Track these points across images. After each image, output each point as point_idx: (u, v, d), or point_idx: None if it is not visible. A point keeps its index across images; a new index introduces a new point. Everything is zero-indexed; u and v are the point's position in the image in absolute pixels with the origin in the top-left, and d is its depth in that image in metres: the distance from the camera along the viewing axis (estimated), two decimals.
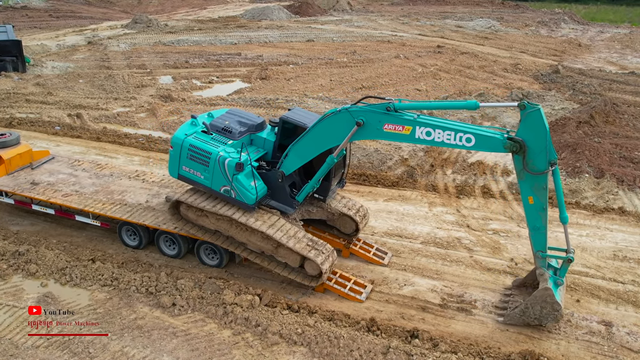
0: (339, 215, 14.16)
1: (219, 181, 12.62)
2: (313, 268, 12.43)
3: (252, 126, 13.32)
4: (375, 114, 11.17)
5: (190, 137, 12.91)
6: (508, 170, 19.57)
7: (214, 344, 11.21)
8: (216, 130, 13.13)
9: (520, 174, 10.71)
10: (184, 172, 13.13)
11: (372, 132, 11.42)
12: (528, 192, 10.84)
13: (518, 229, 16.08)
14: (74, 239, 15.10)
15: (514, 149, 10.32)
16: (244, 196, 12.45)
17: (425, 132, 10.79)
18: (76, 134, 22.82)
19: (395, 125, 11.02)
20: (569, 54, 41.60)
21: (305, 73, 33.56)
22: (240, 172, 12.31)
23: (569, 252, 11.46)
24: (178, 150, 12.97)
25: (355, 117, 11.29)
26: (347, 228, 14.39)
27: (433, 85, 31.44)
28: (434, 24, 54.34)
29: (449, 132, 10.62)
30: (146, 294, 12.65)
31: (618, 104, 27.57)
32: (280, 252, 12.58)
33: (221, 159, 12.38)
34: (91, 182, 15.87)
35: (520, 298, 12.33)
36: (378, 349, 10.98)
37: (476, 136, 10.52)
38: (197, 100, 27.84)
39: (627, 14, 64.76)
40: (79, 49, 39.96)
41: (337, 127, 11.62)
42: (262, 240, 12.65)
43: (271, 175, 12.81)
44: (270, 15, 56.72)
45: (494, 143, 10.51)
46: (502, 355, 10.91)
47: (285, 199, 13.01)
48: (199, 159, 12.73)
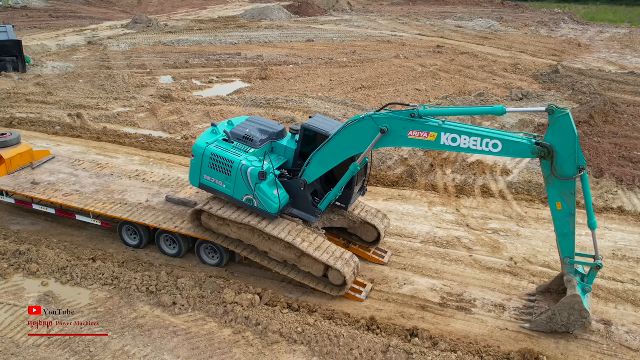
0: (361, 224, 14.05)
1: (242, 190, 12.49)
2: (337, 278, 12.30)
3: (273, 134, 13.19)
4: (400, 120, 10.99)
5: (211, 145, 12.76)
6: (507, 170, 19.61)
7: (214, 343, 11.24)
8: (237, 139, 12.95)
9: (548, 180, 10.54)
10: (206, 181, 13.00)
11: (396, 139, 11.25)
12: (556, 197, 10.66)
13: (517, 228, 16.12)
14: (74, 239, 15.13)
15: (542, 155, 10.18)
16: (267, 205, 12.32)
17: (451, 138, 10.61)
18: (76, 134, 22.85)
19: (420, 132, 10.83)
20: (569, 54, 41.62)
21: (305, 73, 33.59)
22: (263, 181, 12.17)
23: (598, 258, 11.27)
24: (199, 159, 12.84)
25: (379, 124, 11.12)
26: (368, 236, 14.28)
27: (433, 85, 31.46)
28: (433, 24, 54.36)
29: (475, 138, 10.47)
30: (147, 293, 12.69)
31: (617, 104, 27.63)
32: (304, 261, 12.43)
33: (244, 168, 12.25)
34: (92, 182, 15.90)
35: (545, 304, 12.17)
36: (378, 347, 11.02)
37: (503, 142, 10.36)
38: (197, 100, 27.87)
39: (627, 14, 64.76)
40: (79, 49, 39.99)
41: (361, 135, 11.48)
42: (285, 250, 12.50)
43: (293, 183, 12.66)
44: (270, 16, 56.74)
45: (521, 149, 10.36)
46: (502, 354, 10.94)
47: (307, 208, 12.86)
48: (221, 167, 12.60)
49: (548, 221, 16.50)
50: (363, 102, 27.51)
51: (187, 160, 20.48)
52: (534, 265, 14.28)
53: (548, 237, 15.62)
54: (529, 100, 28.46)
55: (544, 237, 15.59)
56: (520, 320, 12.14)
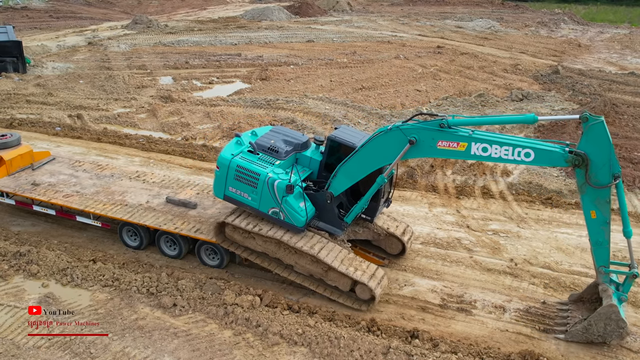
0: (385, 236, 13.92)
1: (268, 203, 12.35)
2: (365, 292, 12.15)
3: (297, 145, 13.08)
4: (429, 131, 10.83)
5: (237, 157, 12.63)
6: (508, 171, 19.60)
7: (214, 345, 11.25)
8: (262, 150, 12.79)
9: (582, 188, 10.38)
10: (230, 192, 12.85)
11: (425, 150, 11.09)
12: (590, 206, 10.49)
13: (518, 229, 16.12)
14: (74, 240, 15.14)
15: (575, 163, 10.03)
16: (294, 218, 12.22)
17: (482, 148, 10.46)
18: (77, 135, 22.85)
19: (450, 142, 10.68)
20: (569, 54, 41.63)
21: (305, 74, 33.59)
22: (290, 194, 12.05)
23: (633, 267, 11.11)
24: (225, 170, 12.68)
25: (408, 134, 10.95)
26: (393, 248, 14.17)
27: (433, 85, 31.47)
28: (433, 24, 54.37)
29: (507, 148, 10.30)
30: (147, 295, 12.69)
31: (617, 105, 27.63)
32: (331, 275, 12.29)
33: (270, 181, 12.12)
34: (92, 183, 15.91)
35: (578, 313, 11.99)
36: (378, 349, 11.03)
37: (536, 151, 10.18)
38: (197, 101, 27.86)
39: (627, 14, 64.74)
40: (79, 49, 40.00)
41: (388, 146, 11.31)
42: (311, 264, 12.36)
43: (319, 196, 12.51)
44: (270, 16, 56.74)
45: (554, 157, 10.21)
46: (502, 356, 10.96)
47: (333, 220, 12.70)
48: (246, 179, 12.46)
49: (548, 222, 16.52)
50: (363, 103, 27.51)
51: (187, 161, 20.52)
52: (534, 266, 14.29)
53: (548, 238, 15.63)
54: (529, 100, 28.46)
55: (544, 238, 15.59)
56: (519, 322, 12.16)
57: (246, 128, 23.49)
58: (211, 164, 20.24)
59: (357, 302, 12.40)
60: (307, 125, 23.98)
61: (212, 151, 21.30)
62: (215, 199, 15.19)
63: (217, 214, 14.42)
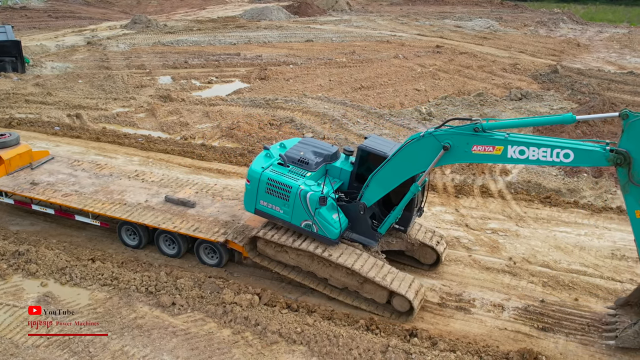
0: (419, 246, 13.63)
1: (300, 215, 12.23)
2: (402, 304, 11.96)
3: (327, 156, 12.97)
4: (463, 135, 10.66)
5: (267, 170, 12.53)
6: (507, 170, 19.62)
7: (213, 343, 11.26)
8: (292, 162, 12.70)
9: (625, 187, 10.07)
10: (262, 206, 12.74)
11: (459, 156, 10.90)
12: (635, 205, 10.13)
13: (516, 228, 16.13)
14: (73, 239, 15.14)
15: (618, 162, 9.78)
16: (327, 230, 12.07)
17: (519, 150, 10.25)
18: (75, 134, 22.85)
19: (485, 146, 10.50)
20: (568, 53, 41.64)
21: (304, 73, 33.59)
22: (323, 206, 11.91)
23: None
24: (255, 184, 12.56)
25: (441, 140, 10.80)
26: (427, 259, 13.89)
27: (432, 85, 31.48)
28: (432, 24, 54.37)
29: (545, 149, 10.07)
30: (146, 294, 12.69)
31: (616, 104, 27.60)
32: (366, 288, 12.11)
33: (302, 193, 12.01)
34: (91, 182, 15.90)
35: (627, 318, 11.77)
36: (377, 347, 11.04)
37: (575, 151, 9.94)
38: (196, 100, 27.86)
39: (626, 13, 64.75)
40: (78, 49, 39.98)
41: (422, 153, 11.13)
42: (346, 276, 12.19)
43: (351, 207, 12.37)
44: (269, 16, 56.72)
45: (595, 157, 9.95)
46: (501, 354, 10.96)
47: (367, 232, 12.54)
48: (278, 192, 12.34)
49: (547, 221, 16.53)
50: (362, 102, 27.53)
51: (186, 160, 20.53)
52: (533, 265, 14.30)
53: (547, 237, 15.65)
54: (528, 100, 28.48)
55: (543, 237, 15.61)
56: (518, 321, 12.17)
57: (245, 127, 23.53)
58: (210, 163, 20.26)
59: (396, 315, 12.16)
60: (306, 124, 23.99)
61: (210, 150, 21.31)
62: (214, 197, 15.21)
63: (216, 212, 14.43)
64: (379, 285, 11.81)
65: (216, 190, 15.73)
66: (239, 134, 22.98)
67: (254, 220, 14.13)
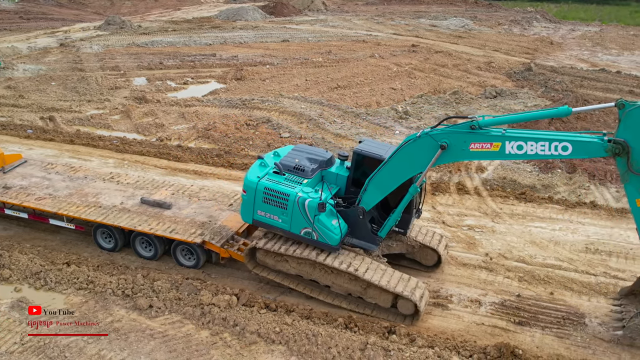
0: (420, 248, 13.61)
1: (299, 223, 12.13)
2: (407, 307, 11.89)
3: (322, 162, 12.90)
4: (460, 134, 10.69)
5: (263, 179, 12.41)
6: (482, 167, 19.80)
7: (192, 345, 11.20)
8: (288, 170, 12.62)
9: (624, 177, 10.15)
10: (259, 216, 12.61)
11: (457, 154, 10.93)
12: (635, 194, 10.22)
13: (492, 224, 16.30)
14: (48, 243, 14.94)
15: (616, 152, 9.86)
16: (327, 237, 11.97)
17: (517, 146, 10.32)
18: (49, 137, 22.52)
19: (483, 143, 10.54)
20: (541, 51, 42.14)
21: (280, 73, 33.53)
22: (322, 212, 11.81)
23: None
24: (252, 194, 12.44)
25: (439, 140, 10.79)
26: (428, 260, 13.84)
27: (408, 84, 31.64)
28: (408, 23, 54.62)
29: (543, 143, 10.15)
30: (122, 297, 12.58)
31: (589, 100, 28.05)
32: (370, 292, 12.05)
33: (300, 200, 11.92)
34: (65, 185, 15.69)
35: (632, 307, 11.90)
36: (356, 345, 11.07)
37: (573, 143, 10.03)
38: (172, 101, 27.64)
39: (597, 12, 65.69)
40: (51, 51, 39.40)
41: (419, 154, 11.12)
42: (349, 282, 12.13)
43: (350, 212, 12.28)
44: (245, 16, 56.47)
45: (593, 148, 10.04)
46: (478, 349, 11.08)
47: (367, 236, 12.48)
48: (275, 201, 12.23)
49: (522, 217, 16.73)
50: (339, 102, 27.56)
51: (162, 161, 20.36)
52: (509, 260, 14.47)
53: (522, 232, 15.84)
54: (503, 97, 28.77)
55: (519, 233, 15.79)
56: (495, 315, 12.30)
57: (221, 128, 23.41)
58: (186, 164, 20.13)
59: (401, 318, 12.09)
60: (283, 124, 23.95)
61: (187, 152, 21.16)
62: (191, 198, 15.12)
63: (193, 213, 14.35)
64: (384, 290, 11.75)
65: (193, 192, 15.63)
66: (215, 135, 22.86)
67: (231, 220, 14.11)
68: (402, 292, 11.62)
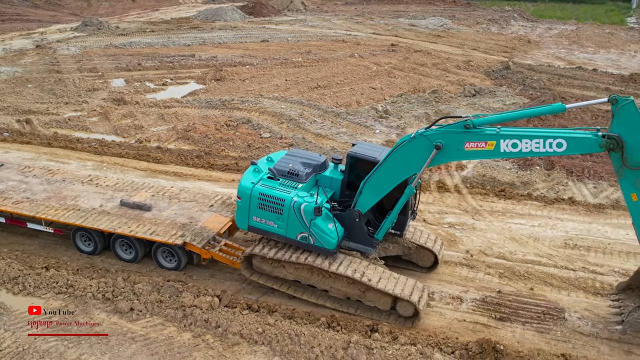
0: (416, 249, 13.57)
1: (295, 228, 12.05)
2: (407, 309, 11.87)
3: (316, 166, 12.87)
4: (455, 133, 10.70)
5: (258, 185, 12.33)
6: (462, 165, 19.94)
7: (174, 348, 11.13)
8: (282, 175, 12.57)
9: (619, 172, 10.22)
10: (255, 222, 12.51)
11: (452, 154, 10.95)
12: (630, 189, 10.29)
13: (473, 221, 16.42)
14: (26, 247, 14.74)
15: (610, 147, 9.92)
16: (324, 241, 11.90)
17: (511, 144, 10.36)
18: (26, 140, 22.21)
19: (477, 142, 10.57)
20: (519, 50, 42.54)
21: (260, 73, 33.44)
22: (318, 216, 11.74)
23: None
24: (247, 200, 12.35)
25: (433, 140, 10.79)
26: (424, 261, 13.80)
27: (387, 83, 31.74)
28: (387, 22, 54.79)
29: (538, 140, 10.20)
30: (103, 300, 12.47)
31: (566, 98, 28.38)
32: (369, 296, 12.00)
33: (296, 205, 11.85)
34: (43, 189, 15.50)
35: (630, 302, 11.96)
36: (339, 344, 11.09)
37: (568, 140, 10.09)
38: (151, 103, 27.44)
39: (574, 11, 66.48)
40: (27, 52, 38.85)
41: (414, 154, 11.09)
42: (347, 286, 12.06)
43: (346, 215, 12.21)
44: (223, 16, 56.18)
45: (588, 144, 10.11)
46: (460, 345, 11.16)
47: (363, 239, 12.42)
48: (271, 207, 12.15)
49: (502, 214, 16.89)
50: (319, 101, 27.56)
51: (142, 163, 20.21)
52: (490, 257, 14.60)
53: (502, 229, 15.98)
54: (482, 96, 28.99)
55: (499, 229, 15.93)
56: (476, 312, 12.40)
57: (201, 129, 23.29)
58: (166, 165, 19.99)
59: (401, 320, 12.06)
60: (263, 125, 23.90)
61: (166, 153, 21.02)
62: (171, 200, 15.02)
63: (173, 215, 14.26)
64: (383, 292, 11.73)
65: (173, 193, 15.53)
66: (195, 136, 22.74)
67: (212, 221, 14.06)
68: (402, 295, 11.61)
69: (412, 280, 12.18)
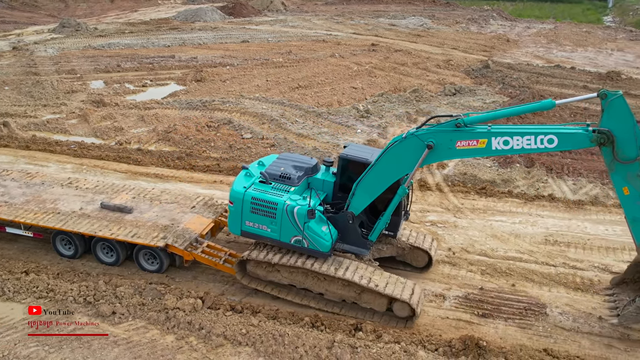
0: (410, 250, 13.55)
1: (289, 232, 12.00)
2: (403, 309, 11.84)
3: (308, 169, 12.83)
4: (446, 132, 10.72)
5: (250, 189, 12.26)
6: (443, 164, 20.04)
7: (157, 351, 11.05)
8: (274, 179, 12.52)
9: (610, 166, 10.31)
10: (248, 227, 12.44)
11: (444, 153, 10.96)
12: (622, 182, 10.38)
13: (454, 219, 16.53)
14: (5, 252, 14.53)
15: (601, 141, 10.00)
16: (319, 244, 11.86)
17: (503, 141, 10.41)
18: (3, 143, 21.89)
19: (469, 140, 10.60)
20: (498, 49, 42.94)
21: (241, 74, 33.34)
22: (312, 219, 11.69)
23: None
24: (239, 205, 12.27)
25: (425, 140, 10.81)
26: (419, 261, 13.78)
27: (369, 82, 31.82)
28: (367, 22, 54.95)
29: (529, 137, 10.27)
30: (84, 304, 12.35)
31: (545, 96, 28.67)
32: (365, 297, 11.97)
33: (289, 208, 11.80)
34: (21, 192, 15.28)
35: (625, 296, 12.01)
36: (323, 343, 11.10)
37: (559, 135, 10.16)
38: (130, 104, 27.20)
39: (552, 10, 67.34)
40: (3, 54, 38.31)
41: (406, 155, 11.11)
42: (343, 288, 12.02)
43: (339, 217, 12.19)
44: (203, 17, 55.92)
45: (579, 139, 10.18)
46: (444, 342, 11.23)
47: (357, 241, 12.38)
48: (264, 211, 12.08)
49: (483, 211, 17.02)
50: (300, 102, 27.55)
51: (122, 165, 20.04)
52: (472, 254, 14.70)
53: (484, 226, 16.11)
54: (462, 95, 29.21)
55: (480, 227, 16.06)
56: (459, 309, 12.48)
57: (182, 130, 23.15)
58: (147, 167, 19.84)
59: (396, 321, 12.02)
60: (245, 125, 23.82)
61: (147, 155, 20.86)
62: (152, 201, 14.90)
63: (155, 217, 14.15)
64: (379, 294, 11.71)
65: (154, 195, 15.41)
66: (176, 137, 22.59)
67: (194, 223, 13.98)
68: (398, 296, 11.61)
69: (409, 282, 12.18)
